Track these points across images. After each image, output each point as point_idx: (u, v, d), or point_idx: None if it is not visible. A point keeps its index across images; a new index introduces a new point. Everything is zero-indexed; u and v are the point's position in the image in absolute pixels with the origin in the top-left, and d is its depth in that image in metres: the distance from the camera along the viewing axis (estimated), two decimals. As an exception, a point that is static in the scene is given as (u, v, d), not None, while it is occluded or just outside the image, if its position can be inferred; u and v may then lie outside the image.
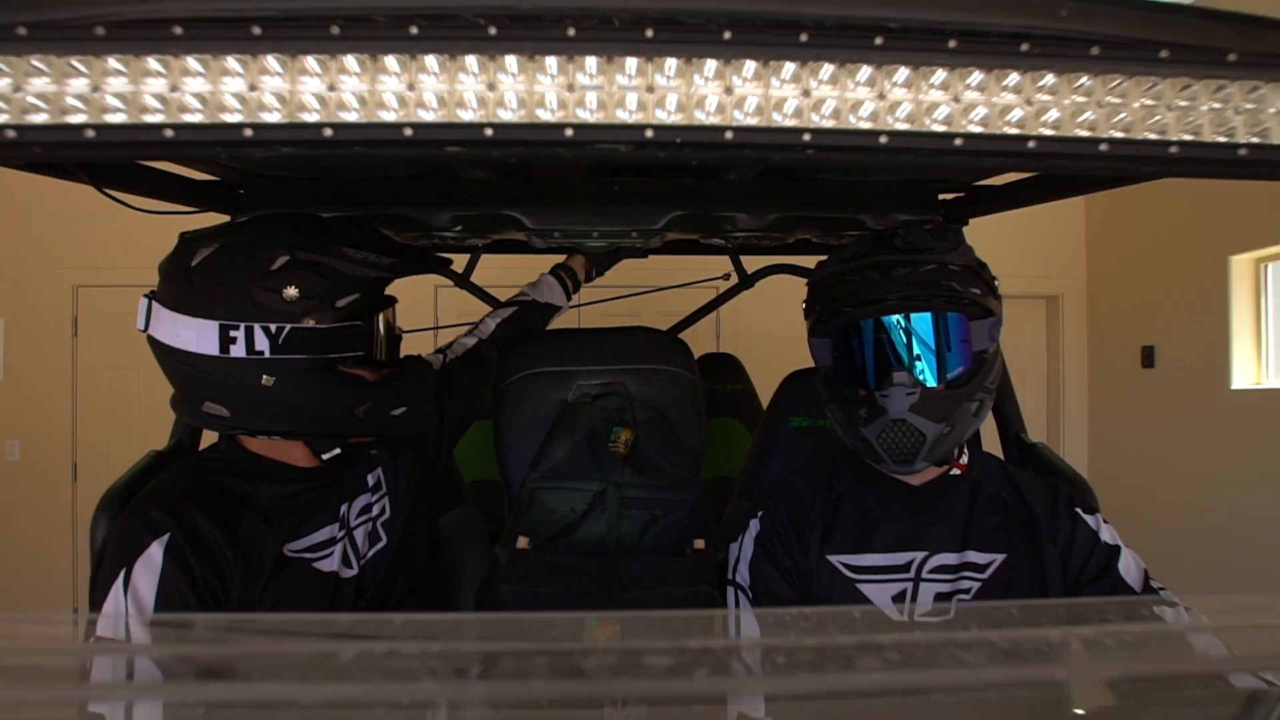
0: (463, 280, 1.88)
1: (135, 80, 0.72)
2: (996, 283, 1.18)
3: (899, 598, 1.17)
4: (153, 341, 1.01)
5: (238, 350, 0.96)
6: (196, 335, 0.96)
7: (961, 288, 1.10)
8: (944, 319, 1.11)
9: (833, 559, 1.20)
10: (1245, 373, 3.44)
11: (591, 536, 1.46)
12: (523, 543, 1.41)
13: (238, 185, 1.50)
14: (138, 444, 3.95)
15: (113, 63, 0.71)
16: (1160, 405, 3.90)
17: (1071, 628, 0.62)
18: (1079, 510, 1.21)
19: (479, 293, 1.92)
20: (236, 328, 0.96)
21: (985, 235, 1.49)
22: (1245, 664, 0.71)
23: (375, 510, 1.20)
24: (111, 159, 1.18)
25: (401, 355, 1.22)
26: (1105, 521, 1.21)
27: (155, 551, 0.96)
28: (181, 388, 1.05)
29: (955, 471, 1.22)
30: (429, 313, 4.24)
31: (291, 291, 0.96)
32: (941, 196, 1.56)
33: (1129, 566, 1.16)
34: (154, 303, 1.00)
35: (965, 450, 1.24)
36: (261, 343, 0.96)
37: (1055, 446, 4.41)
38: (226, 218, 1.47)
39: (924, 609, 1.19)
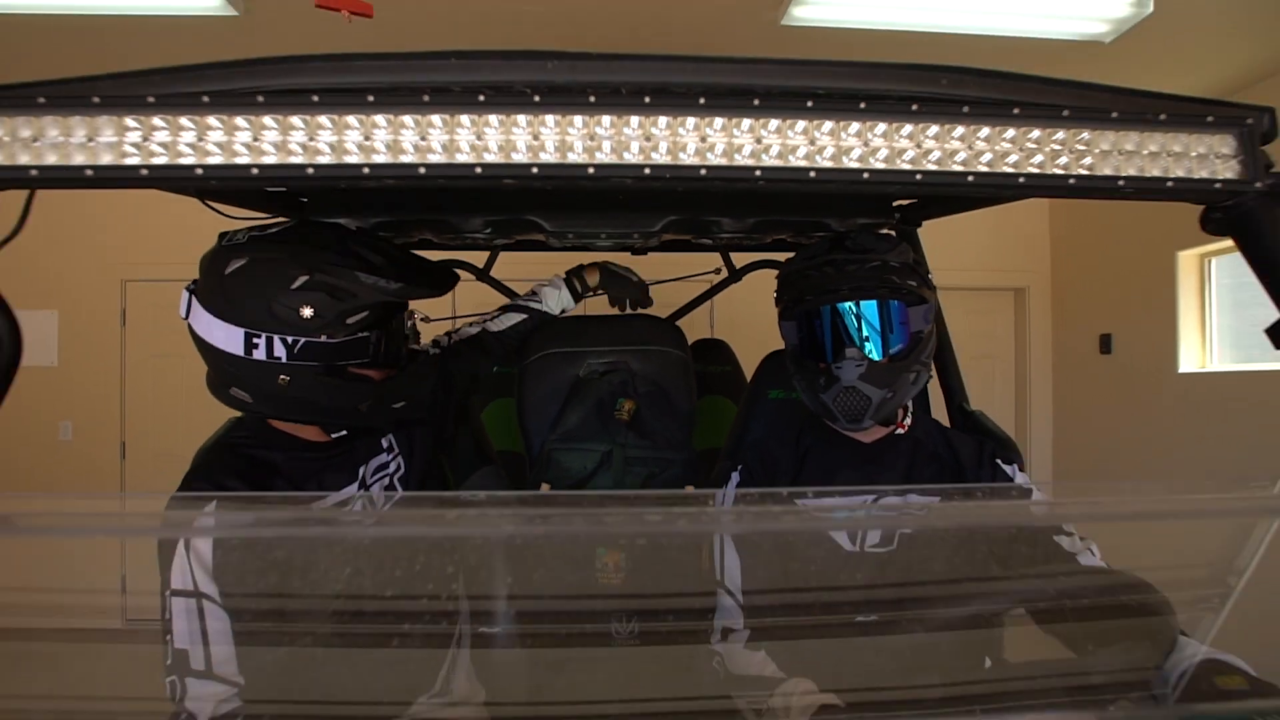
0: (483, 275, 2.15)
1: (284, 133, 1.02)
2: (931, 276, 1.46)
3: (852, 536, 1.45)
4: (191, 330, 1.15)
5: (259, 354, 1.09)
6: (225, 336, 1.10)
7: (900, 280, 1.36)
8: (886, 305, 1.36)
9: (799, 504, 1.48)
10: (1191, 357, 3.74)
11: (600, 489, 1.76)
12: (544, 489, 1.72)
13: (302, 194, 1.75)
14: (181, 425, 4.33)
15: (268, 120, 1.01)
16: (1116, 387, 4.19)
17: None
18: (999, 461, 1.49)
19: (498, 285, 2.20)
20: (259, 336, 1.09)
21: (961, 234, 1.75)
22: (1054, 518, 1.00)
23: (391, 468, 1.35)
24: (262, 188, 1.44)
25: (419, 344, 1.42)
26: (1022, 471, 1.48)
27: (206, 519, 1.13)
28: (213, 373, 1.19)
29: (899, 431, 1.48)
30: (446, 303, 4.52)
31: (307, 311, 1.08)
32: (897, 203, 1.84)
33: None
34: (194, 297, 1.14)
35: (909, 414, 1.51)
36: (279, 350, 1.09)
37: (1023, 424, 4.75)
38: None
39: (872, 542, 1.48)
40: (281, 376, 1.11)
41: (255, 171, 1.02)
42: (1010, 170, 1.08)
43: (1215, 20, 2.78)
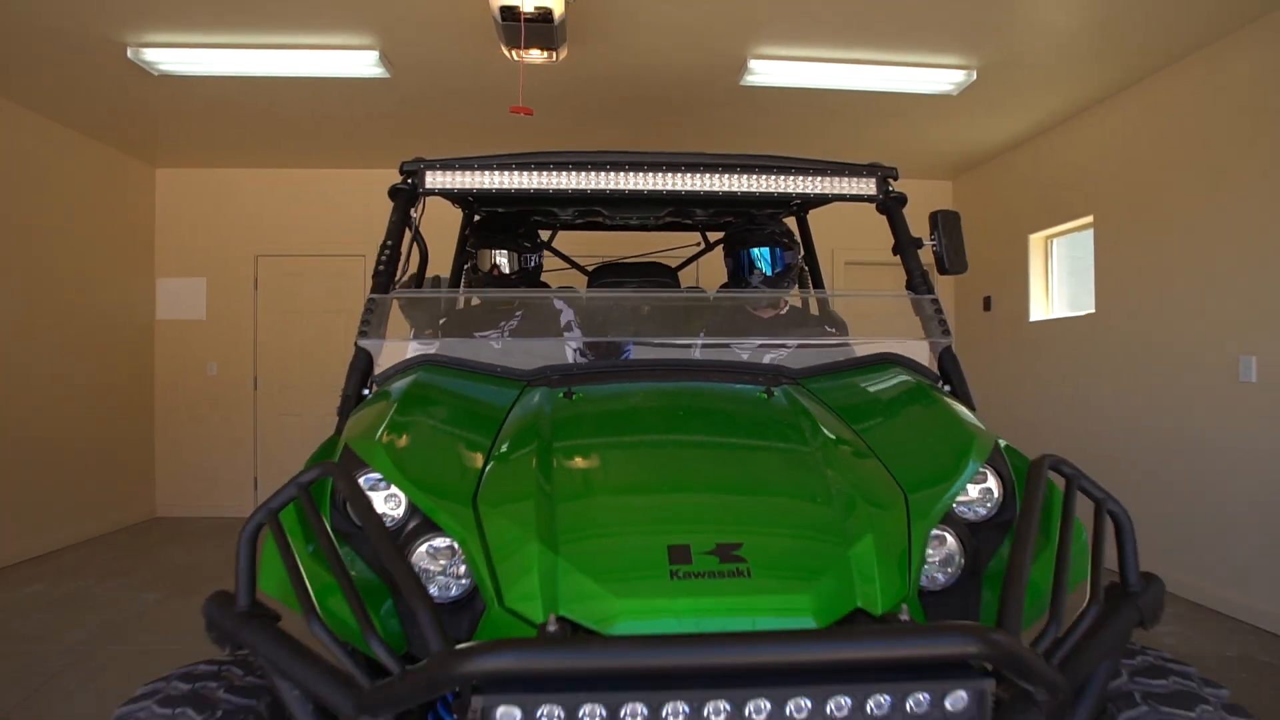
0: (548, 246, 3.58)
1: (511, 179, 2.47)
2: (795, 238, 2.90)
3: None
4: None
5: None
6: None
7: (779, 238, 2.81)
8: (775, 248, 2.81)
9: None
10: (1039, 310, 5.24)
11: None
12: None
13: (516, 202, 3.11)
14: (297, 365, 6.15)
15: (521, 176, 2.46)
16: (994, 333, 5.70)
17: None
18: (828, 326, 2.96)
19: (562, 256, 3.63)
20: None
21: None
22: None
23: None
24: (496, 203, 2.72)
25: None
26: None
27: None
28: None
29: (781, 312, 2.95)
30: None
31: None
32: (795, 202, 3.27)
33: None
34: None
35: (786, 304, 2.95)
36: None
37: (931, 365, 6.18)
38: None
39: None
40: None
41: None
42: (784, 191, 2.45)
43: (1024, 81, 4.23)
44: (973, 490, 1.31)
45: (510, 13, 2.84)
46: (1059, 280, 5.14)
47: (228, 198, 6.05)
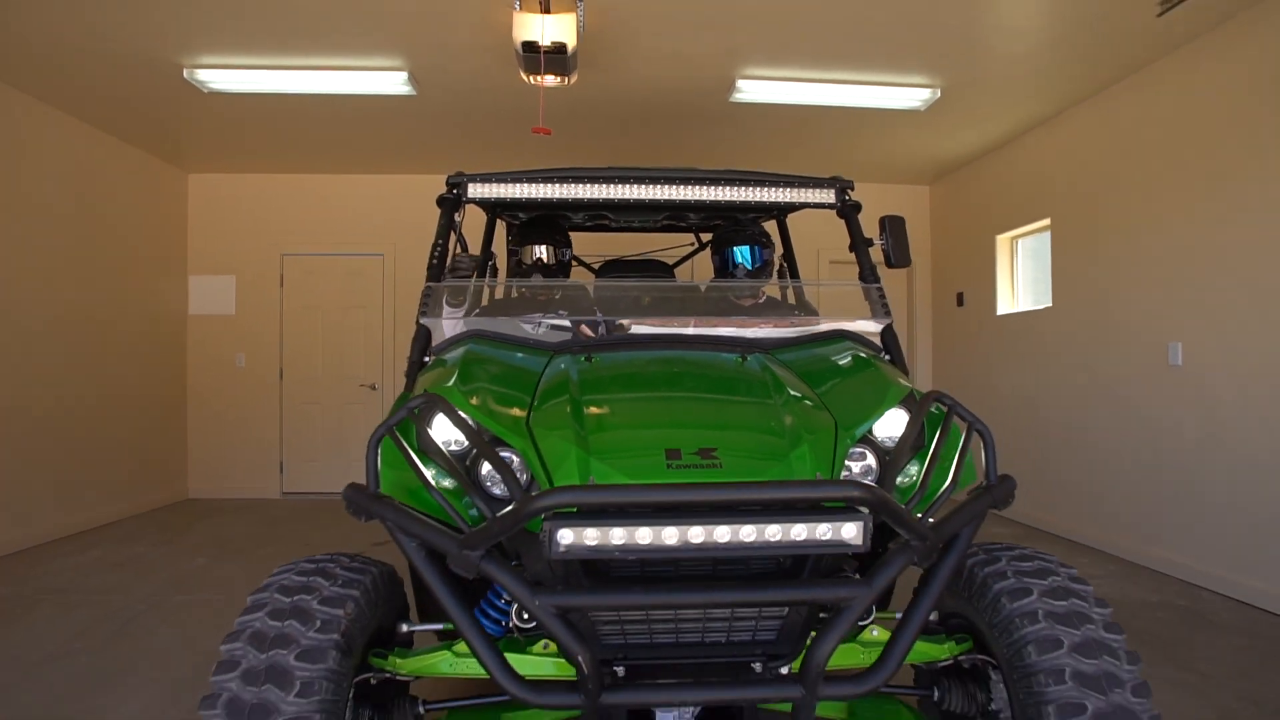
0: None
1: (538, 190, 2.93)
2: (772, 239, 3.35)
3: None
4: None
5: None
6: None
7: (758, 238, 3.26)
8: (755, 247, 3.25)
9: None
10: (1005, 304, 5.71)
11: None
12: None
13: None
14: (320, 355, 6.66)
15: (531, 185, 2.91)
16: (965, 326, 6.18)
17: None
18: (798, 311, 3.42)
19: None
20: None
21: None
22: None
23: None
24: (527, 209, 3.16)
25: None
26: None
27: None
28: None
29: (760, 300, 3.41)
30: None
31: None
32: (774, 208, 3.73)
33: None
34: None
35: (764, 293, 3.41)
36: None
37: (912, 353, 6.77)
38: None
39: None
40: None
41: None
42: (760, 200, 2.89)
43: (984, 98, 4.70)
44: (892, 426, 1.76)
45: (531, 45, 3.30)
46: (1024, 277, 5.62)
47: (255, 200, 6.50)
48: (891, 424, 1.77)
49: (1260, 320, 3.45)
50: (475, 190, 2.52)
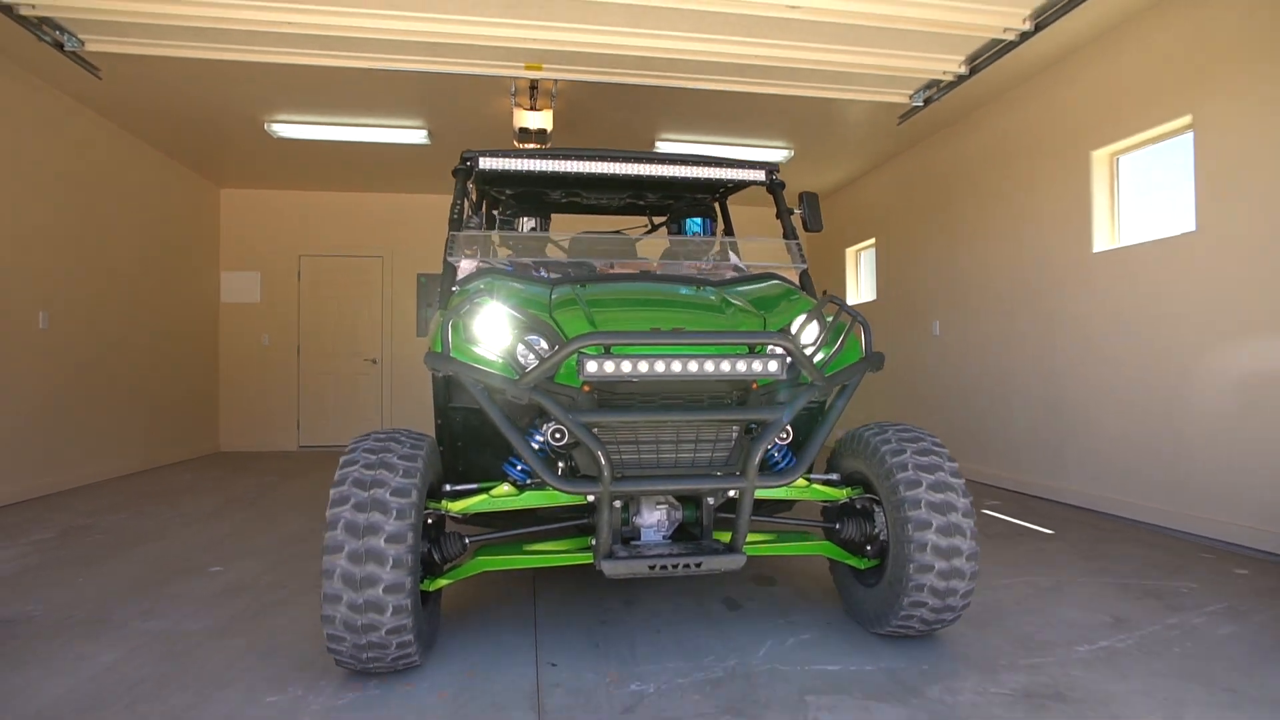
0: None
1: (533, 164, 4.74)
2: (716, 219, 5.15)
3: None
4: None
5: None
6: None
7: (707, 212, 4.94)
8: (705, 220, 4.88)
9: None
10: (852, 298, 7.83)
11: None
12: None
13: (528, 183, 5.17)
14: (331, 337, 8.69)
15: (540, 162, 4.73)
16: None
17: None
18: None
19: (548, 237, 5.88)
20: None
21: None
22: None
23: None
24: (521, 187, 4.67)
25: None
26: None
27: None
28: None
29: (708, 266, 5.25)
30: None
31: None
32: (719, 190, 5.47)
33: None
34: None
35: (712, 260, 5.22)
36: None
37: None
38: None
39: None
40: None
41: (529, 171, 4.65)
42: (708, 177, 4.66)
43: (825, 155, 6.78)
44: (805, 334, 2.25)
45: (524, 131, 5.13)
46: (864, 278, 7.76)
47: (277, 211, 8.03)
48: (804, 330, 2.26)
49: (986, 307, 5.61)
50: (485, 163, 2.93)
